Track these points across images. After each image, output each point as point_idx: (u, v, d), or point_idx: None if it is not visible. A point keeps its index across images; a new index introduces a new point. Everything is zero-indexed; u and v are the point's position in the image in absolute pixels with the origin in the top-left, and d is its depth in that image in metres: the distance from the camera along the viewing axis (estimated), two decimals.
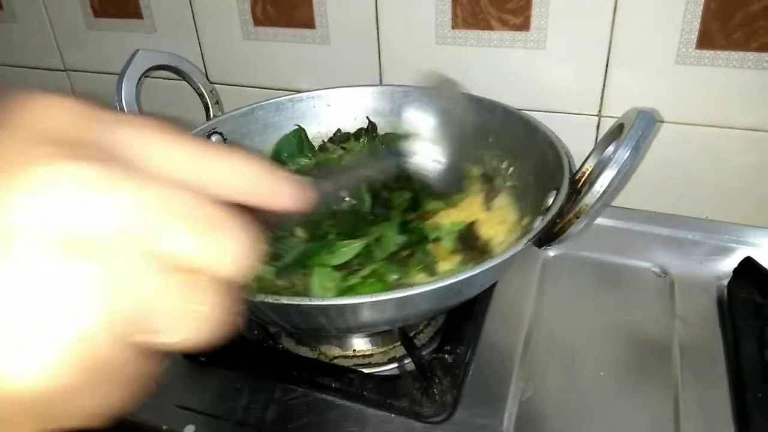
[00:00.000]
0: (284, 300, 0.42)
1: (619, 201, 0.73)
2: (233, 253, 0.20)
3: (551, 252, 0.70)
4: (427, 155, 0.41)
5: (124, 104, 0.64)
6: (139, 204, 0.18)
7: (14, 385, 0.17)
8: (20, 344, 0.17)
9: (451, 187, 0.48)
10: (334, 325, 0.46)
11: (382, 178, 0.51)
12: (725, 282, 0.63)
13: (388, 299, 0.42)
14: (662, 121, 0.68)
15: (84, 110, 0.20)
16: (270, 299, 0.42)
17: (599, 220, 0.72)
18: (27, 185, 0.17)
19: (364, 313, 0.44)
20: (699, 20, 0.62)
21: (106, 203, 0.18)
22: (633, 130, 0.45)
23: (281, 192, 0.23)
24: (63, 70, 1.00)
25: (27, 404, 0.17)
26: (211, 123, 0.69)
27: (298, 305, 0.43)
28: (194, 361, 0.59)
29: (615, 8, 0.64)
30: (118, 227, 0.18)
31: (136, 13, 0.88)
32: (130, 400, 0.20)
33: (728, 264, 0.65)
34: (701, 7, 0.61)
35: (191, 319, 0.19)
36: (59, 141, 0.18)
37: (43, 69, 1.02)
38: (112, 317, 0.18)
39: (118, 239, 0.18)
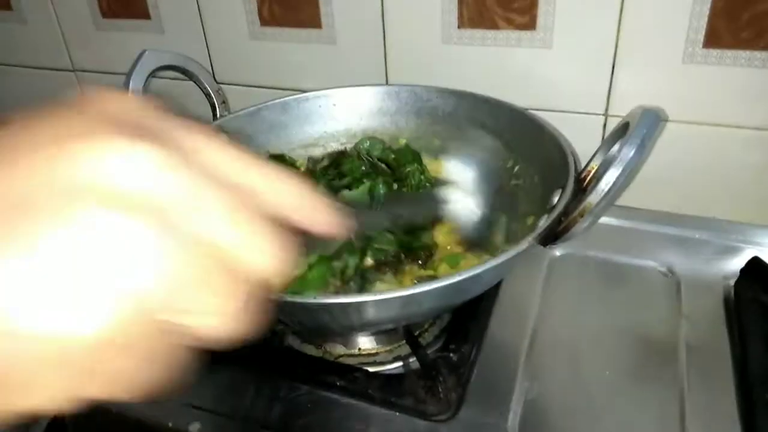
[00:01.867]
0: (289, 297, 0.42)
1: (626, 200, 0.72)
2: (271, 255, 0.21)
3: (557, 251, 0.70)
4: (463, 205, 0.43)
5: None
6: (193, 189, 0.19)
7: (65, 337, 0.17)
8: (78, 296, 0.17)
9: (481, 239, 0.49)
10: (338, 323, 0.46)
11: (418, 221, 0.52)
12: (732, 282, 0.63)
13: (392, 297, 0.42)
14: (669, 120, 0.68)
15: (151, 107, 0.21)
16: (274, 296, 0.42)
17: (605, 220, 0.72)
18: (95, 152, 0.18)
19: (368, 311, 0.44)
20: (706, 19, 0.62)
21: (164, 180, 0.19)
22: (638, 129, 0.45)
23: (322, 217, 0.25)
24: (71, 70, 1.01)
25: (72, 358, 0.18)
26: (218, 122, 0.69)
27: (303, 303, 0.43)
28: (199, 358, 0.59)
29: (622, 7, 0.64)
30: (173, 203, 0.19)
31: (143, 14, 0.89)
32: (160, 381, 0.20)
33: (735, 264, 0.64)
34: (708, 6, 0.61)
35: (223, 309, 0.20)
36: (125, 124, 0.19)
37: (51, 69, 1.03)
38: (159, 288, 0.18)
39: (172, 215, 0.19)
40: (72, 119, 0.20)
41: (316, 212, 0.24)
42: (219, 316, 0.20)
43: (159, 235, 0.18)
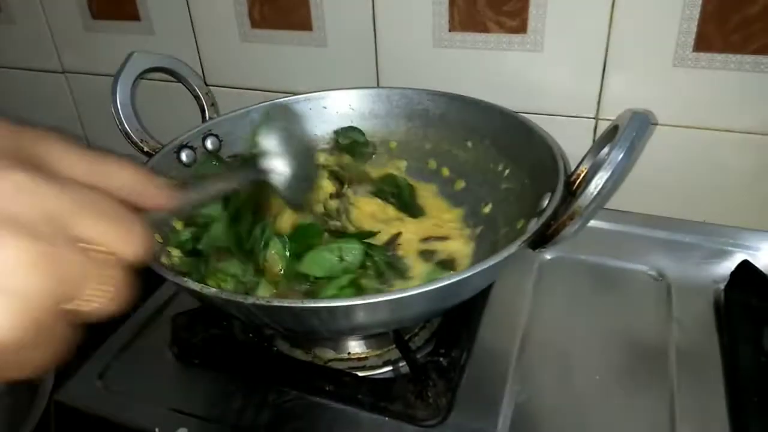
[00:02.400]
0: (276, 302, 0.42)
1: (616, 204, 0.72)
2: (130, 240, 0.26)
3: (547, 255, 0.69)
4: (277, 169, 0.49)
5: (119, 106, 0.64)
6: (59, 200, 0.23)
7: None
8: None
9: (299, 195, 0.53)
10: (326, 327, 0.46)
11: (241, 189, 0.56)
12: (722, 286, 0.63)
13: (380, 301, 0.42)
14: (659, 124, 0.68)
15: (6, 126, 0.26)
16: (262, 301, 0.42)
17: (596, 223, 0.72)
18: None
19: (357, 315, 0.44)
20: (696, 23, 0.62)
21: (34, 199, 0.23)
22: (627, 131, 0.44)
23: (156, 194, 0.31)
24: (61, 72, 1.00)
25: None
26: (207, 125, 0.68)
27: (290, 307, 0.42)
28: (187, 364, 0.59)
29: (612, 11, 0.64)
30: (45, 217, 0.23)
31: (134, 16, 0.88)
32: (58, 358, 0.25)
33: (725, 267, 0.65)
34: (698, 10, 0.61)
35: (103, 291, 0.25)
36: None
37: (40, 71, 1.02)
38: (46, 283, 0.22)
39: (46, 226, 0.23)
40: None
41: (147, 189, 0.30)
42: (101, 299, 0.25)
43: (43, 241, 0.22)
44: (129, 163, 0.29)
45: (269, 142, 0.49)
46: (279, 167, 0.49)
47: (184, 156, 0.64)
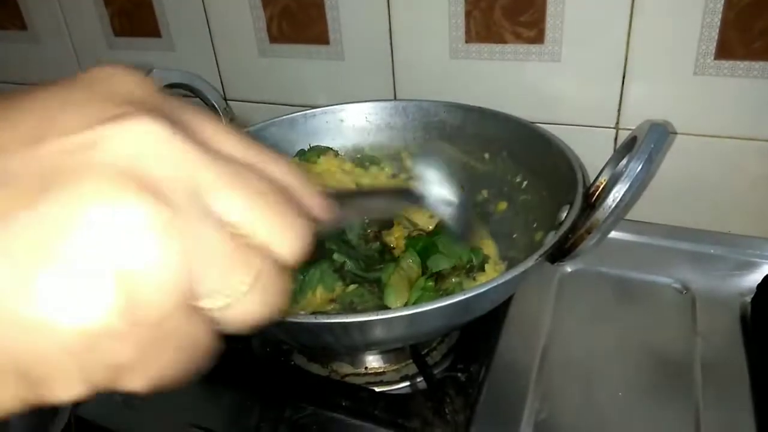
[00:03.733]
0: (290, 318, 0.42)
1: (639, 215, 0.71)
2: (290, 233, 0.20)
3: (568, 268, 0.68)
4: (437, 197, 0.44)
5: None
6: (210, 169, 0.19)
7: (67, 327, 0.17)
8: (79, 283, 0.17)
9: (466, 228, 0.50)
10: (341, 343, 0.46)
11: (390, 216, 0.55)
12: (748, 298, 0.61)
13: (396, 317, 0.41)
14: (681, 133, 0.67)
15: (154, 86, 0.21)
16: (276, 317, 0.42)
17: (619, 235, 0.70)
18: (108, 134, 0.18)
19: (372, 330, 0.44)
20: (717, 30, 0.61)
21: (179, 160, 0.18)
22: (645, 143, 0.44)
23: (314, 201, 0.25)
24: None
25: (76, 350, 0.17)
26: None
27: (305, 323, 0.42)
28: (207, 379, 0.59)
29: (631, 19, 0.63)
30: (190, 185, 0.18)
31: (154, 32, 0.90)
32: (180, 372, 0.20)
33: (752, 279, 0.63)
34: (719, 17, 0.60)
35: (246, 290, 0.19)
36: (135, 103, 0.19)
37: None
38: (172, 268, 0.17)
39: (189, 195, 0.18)
40: (82, 100, 0.19)
41: (305, 195, 0.24)
42: (245, 297, 0.19)
43: (179, 210, 0.18)
44: (289, 163, 0.24)
45: (426, 170, 0.46)
46: (445, 197, 0.45)
47: None
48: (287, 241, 0.20)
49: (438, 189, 0.43)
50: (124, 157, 0.17)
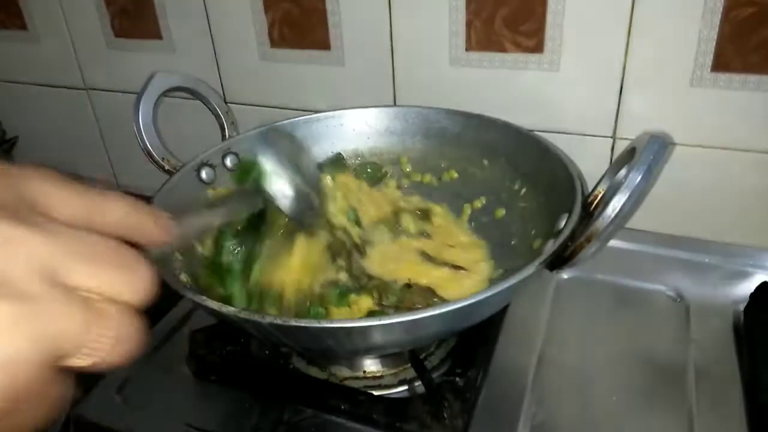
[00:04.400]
0: (293, 322, 0.42)
1: (634, 223, 0.72)
2: (134, 281, 0.23)
3: (564, 275, 0.69)
4: (279, 190, 0.47)
5: (141, 125, 0.65)
6: (49, 248, 0.21)
7: None
8: None
9: (305, 214, 0.52)
10: (342, 347, 0.46)
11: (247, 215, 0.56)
12: (741, 306, 0.62)
13: (396, 322, 0.42)
14: (678, 144, 0.68)
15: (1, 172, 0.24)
16: (278, 321, 0.42)
17: (614, 243, 0.71)
18: None
19: (373, 335, 0.44)
20: (714, 43, 0.62)
21: (19, 251, 0.21)
22: (645, 155, 0.44)
23: (154, 228, 0.28)
24: (83, 89, 1.02)
25: None
26: (227, 143, 0.69)
27: (307, 327, 0.43)
28: (205, 380, 0.59)
29: (629, 30, 0.64)
30: (33, 269, 0.21)
31: (155, 34, 0.90)
32: (46, 418, 0.22)
33: (745, 288, 0.64)
34: (716, 30, 0.61)
35: (106, 342, 0.22)
36: None
37: (64, 87, 1.04)
38: (33, 345, 0.20)
39: (34, 279, 0.20)
40: None
41: (142, 224, 0.27)
42: (104, 351, 0.22)
43: (27, 298, 0.20)
44: (123, 197, 0.27)
45: (269, 166, 0.48)
46: (283, 190, 0.48)
47: (204, 174, 0.65)
48: (133, 288, 0.23)
49: (277, 184, 0.46)
50: None
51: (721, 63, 0.62)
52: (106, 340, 0.22)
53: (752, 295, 0.62)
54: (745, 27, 0.60)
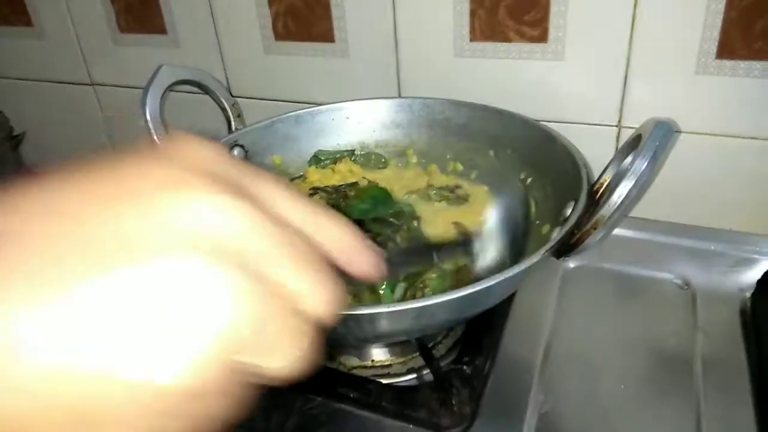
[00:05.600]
0: None
1: (640, 212, 0.72)
2: (328, 297, 0.22)
3: (571, 263, 0.69)
4: (486, 251, 0.46)
5: (148, 118, 0.66)
6: (268, 234, 0.21)
7: (157, 385, 0.18)
8: (169, 344, 0.18)
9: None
10: (352, 335, 0.47)
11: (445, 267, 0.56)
12: (748, 294, 0.62)
13: (405, 309, 0.42)
14: (682, 132, 0.68)
15: (224, 154, 0.23)
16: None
17: (620, 231, 0.71)
18: (187, 203, 0.20)
19: (382, 322, 0.44)
20: (719, 30, 0.62)
21: (249, 230, 0.20)
22: (651, 141, 0.45)
23: (363, 260, 0.27)
24: (89, 84, 1.03)
25: (145, 403, 0.18)
26: (233, 136, 0.70)
27: None
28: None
29: (633, 19, 0.64)
30: (256, 254, 0.20)
31: (160, 29, 0.90)
32: (218, 422, 0.21)
33: (751, 275, 0.64)
34: (721, 17, 0.61)
35: (293, 350, 0.21)
36: (206, 174, 0.21)
37: (70, 83, 1.05)
38: (242, 330, 0.19)
39: (254, 263, 0.20)
40: (158, 168, 0.21)
41: (358, 254, 0.26)
42: (289, 356, 0.21)
43: (242, 281, 0.19)
44: (343, 221, 0.26)
45: (491, 223, 0.47)
46: (490, 253, 0.47)
47: None
48: (324, 303, 0.22)
49: (494, 249, 0.45)
50: (199, 228, 0.19)
51: (726, 50, 0.62)
52: (288, 344, 0.21)
53: (759, 282, 0.62)
54: (749, 13, 0.60)
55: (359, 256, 0.27)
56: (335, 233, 0.25)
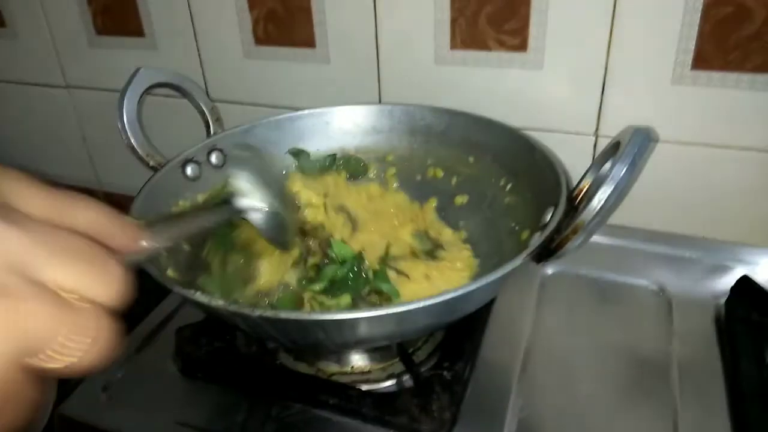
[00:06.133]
0: (283, 314, 0.42)
1: (617, 219, 0.73)
2: (107, 281, 0.23)
3: (549, 269, 0.70)
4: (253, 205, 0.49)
5: (125, 122, 0.65)
6: (21, 242, 0.21)
7: None
8: None
9: (280, 234, 0.53)
10: (332, 340, 0.46)
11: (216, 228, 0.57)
12: (722, 300, 0.63)
13: (385, 314, 0.42)
14: (659, 141, 0.69)
15: None
16: (269, 313, 0.42)
17: (597, 238, 0.72)
18: None
19: (362, 328, 0.44)
20: (694, 41, 0.63)
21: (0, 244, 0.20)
22: (629, 148, 0.45)
23: (124, 235, 0.27)
24: (64, 87, 1.01)
25: None
26: (212, 140, 0.69)
27: (297, 320, 0.43)
28: (191, 377, 0.59)
29: (611, 29, 0.65)
30: (4, 263, 0.20)
31: (137, 31, 0.89)
32: (21, 423, 0.21)
33: (725, 282, 0.65)
34: (696, 29, 0.62)
35: (78, 342, 0.21)
36: None
37: (44, 85, 1.03)
38: (4, 341, 0.19)
39: (5, 274, 0.20)
40: None
41: (115, 228, 0.27)
42: (76, 352, 0.21)
43: (8, 296, 0.20)
44: (94, 202, 0.26)
45: (240, 180, 0.49)
46: (255, 204, 0.48)
47: (189, 170, 0.65)
48: (106, 288, 0.23)
49: (250, 198, 0.47)
50: None
51: (702, 61, 0.64)
52: (79, 340, 0.21)
53: (732, 288, 0.63)
54: (724, 26, 0.61)
55: (113, 231, 0.27)
56: (88, 215, 0.26)
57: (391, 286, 0.60)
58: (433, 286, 0.61)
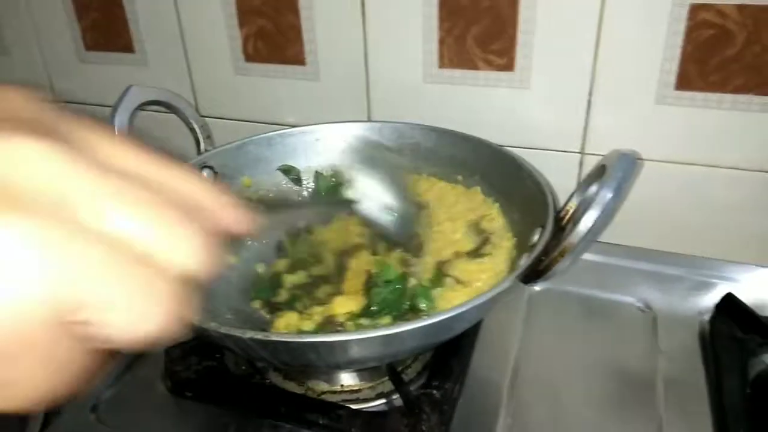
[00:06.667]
0: (274, 336, 0.43)
1: (604, 236, 0.73)
2: (193, 245, 0.19)
3: (537, 287, 0.71)
4: (377, 203, 0.46)
5: None
6: (97, 183, 0.18)
7: None
8: None
9: (406, 234, 0.51)
10: (323, 362, 0.47)
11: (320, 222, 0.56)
12: (707, 317, 0.64)
13: (375, 336, 0.43)
14: (643, 159, 0.70)
15: (40, 101, 0.20)
16: (260, 336, 0.42)
17: (584, 255, 0.72)
18: None
19: (353, 349, 0.45)
20: (677, 63, 0.64)
21: (56, 173, 0.17)
22: (615, 172, 0.46)
23: (229, 213, 0.23)
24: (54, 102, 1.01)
25: None
26: (202, 157, 0.69)
27: (288, 342, 0.43)
28: (181, 396, 0.59)
29: (596, 50, 0.67)
30: (79, 199, 0.17)
31: (127, 47, 0.90)
32: (57, 389, 0.18)
33: (710, 299, 0.66)
34: (679, 51, 0.63)
35: (138, 311, 0.18)
36: (20, 121, 0.18)
37: None
38: (47, 287, 0.16)
39: (79, 211, 0.17)
40: None
41: (223, 207, 0.22)
42: (146, 316, 0.18)
43: (57, 232, 0.16)
44: (196, 172, 0.22)
45: (366, 177, 0.45)
46: (372, 196, 0.45)
47: None
48: (182, 251, 0.19)
49: (375, 199, 0.45)
50: (9, 177, 0.17)
51: (685, 82, 0.65)
52: (139, 302, 0.18)
53: (717, 306, 0.64)
54: (706, 48, 0.62)
55: (223, 207, 0.22)
56: (188, 184, 0.21)
57: (432, 302, 0.57)
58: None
